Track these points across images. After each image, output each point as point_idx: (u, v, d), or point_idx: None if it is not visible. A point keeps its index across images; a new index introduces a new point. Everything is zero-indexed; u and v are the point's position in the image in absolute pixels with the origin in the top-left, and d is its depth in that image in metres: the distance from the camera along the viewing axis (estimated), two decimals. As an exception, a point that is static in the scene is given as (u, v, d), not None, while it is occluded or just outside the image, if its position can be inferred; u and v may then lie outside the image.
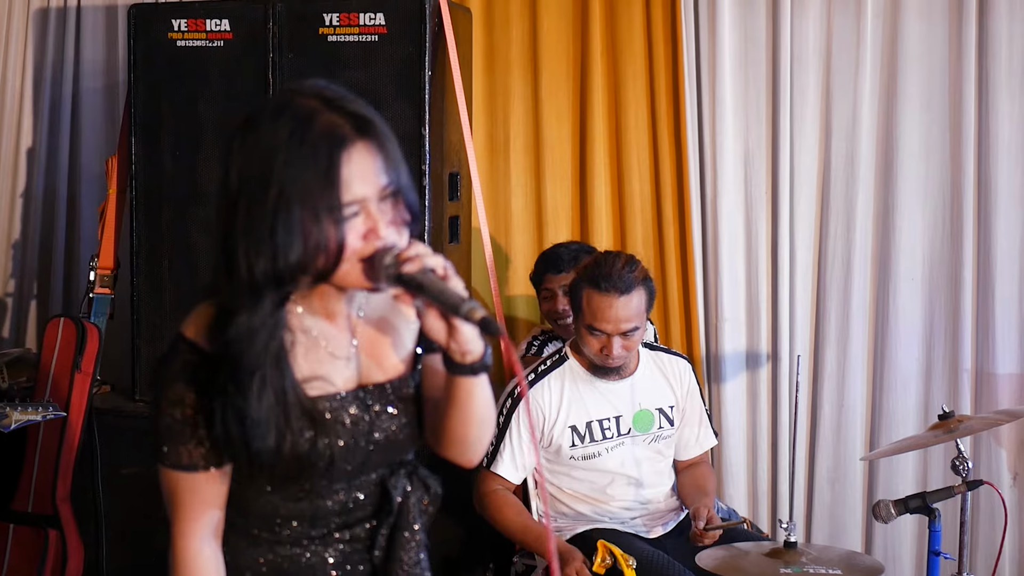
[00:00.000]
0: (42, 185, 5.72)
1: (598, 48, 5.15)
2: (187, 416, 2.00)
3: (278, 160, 1.92)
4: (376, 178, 1.95)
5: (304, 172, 1.91)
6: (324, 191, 1.90)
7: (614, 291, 3.75)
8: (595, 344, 3.82)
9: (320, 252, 1.91)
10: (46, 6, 5.68)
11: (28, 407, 4.04)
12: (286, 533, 2.13)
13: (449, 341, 1.99)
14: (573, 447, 3.90)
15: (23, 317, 5.76)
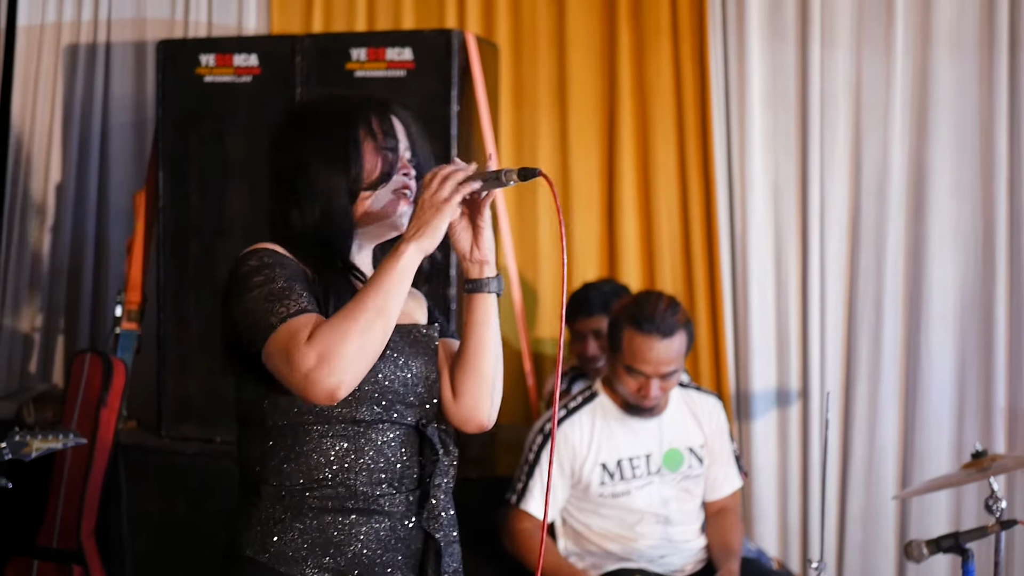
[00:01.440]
0: (71, 220, 5.73)
1: (626, 83, 5.14)
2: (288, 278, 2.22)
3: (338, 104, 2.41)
4: (404, 139, 2.39)
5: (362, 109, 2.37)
6: (379, 122, 2.35)
7: (656, 333, 3.72)
8: (632, 384, 3.79)
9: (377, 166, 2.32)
10: (76, 42, 5.70)
11: (49, 435, 3.99)
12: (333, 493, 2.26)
13: (473, 248, 2.32)
14: (603, 485, 3.87)
15: (50, 352, 5.76)
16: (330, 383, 2.09)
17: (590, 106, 5.23)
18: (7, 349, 5.68)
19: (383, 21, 5.37)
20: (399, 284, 2.15)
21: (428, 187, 2.19)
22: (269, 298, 2.18)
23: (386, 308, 2.14)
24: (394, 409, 2.30)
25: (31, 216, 5.73)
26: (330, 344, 2.09)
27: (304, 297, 2.19)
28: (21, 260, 5.70)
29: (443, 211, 2.17)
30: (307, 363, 2.09)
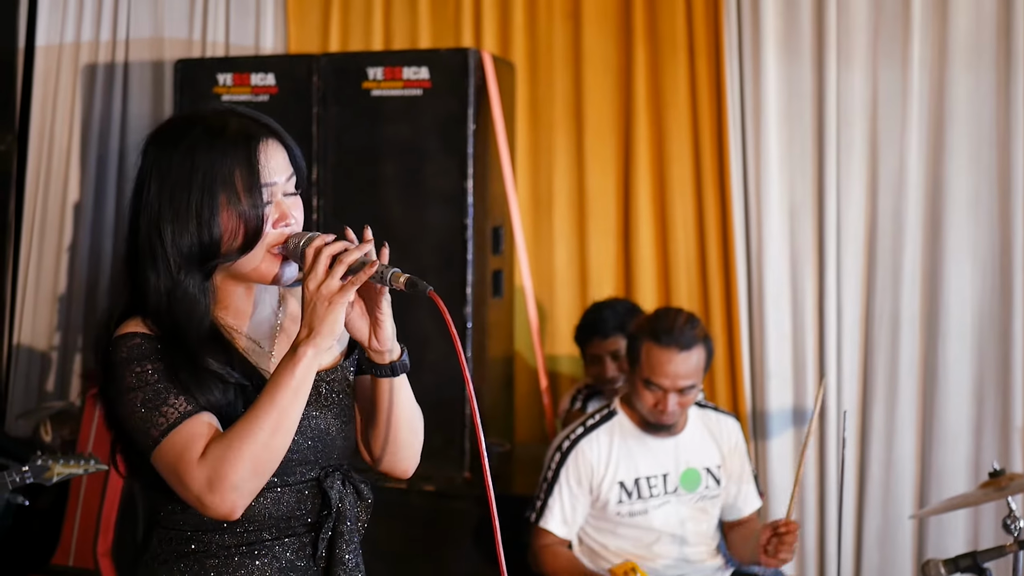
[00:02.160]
0: (88, 239, 5.75)
1: (642, 102, 5.14)
2: (161, 374, 2.07)
3: (199, 153, 2.11)
4: (284, 169, 2.16)
5: (224, 159, 2.10)
6: (243, 175, 2.10)
7: (675, 346, 3.72)
8: (650, 399, 3.78)
9: (239, 229, 2.09)
10: (94, 62, 5.73)
11: (70, 460, 4.02)
12: (219, 539, 2.17)
13: (371, 339, 2.17)
14: (620, 503, 3.86)
15: (68, 370, 5.78)
16: (224, 509, 2.00)
17: (606, 125, 5.23)
18: (25, 367, 5.70)
19: (400, 40, 5.39)
20: (296, 396, 2.03)
21: (314, 270, 2.05)
22: (146, 404, 2.05)
23: (284, 424, 2.02)
24: (291, 473, 2.19)
25: (49, 235, 5.75)
26: (221, 469, 1.98)
27: (183, 396, 2.05)
28: (39, 279, 5.72)
29: (335, 305, 2.03)
30: (197, 486, 1.99)
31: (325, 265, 2.04)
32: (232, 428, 2.02)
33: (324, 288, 2.03)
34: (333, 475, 2.23)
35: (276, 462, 2.04)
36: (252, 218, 2.09)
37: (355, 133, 4.55)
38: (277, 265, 2.14)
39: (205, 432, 2.03)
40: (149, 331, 2.10)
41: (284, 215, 2.13)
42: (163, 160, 2.13)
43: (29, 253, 5.73)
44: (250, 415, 2.02)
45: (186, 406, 2.04)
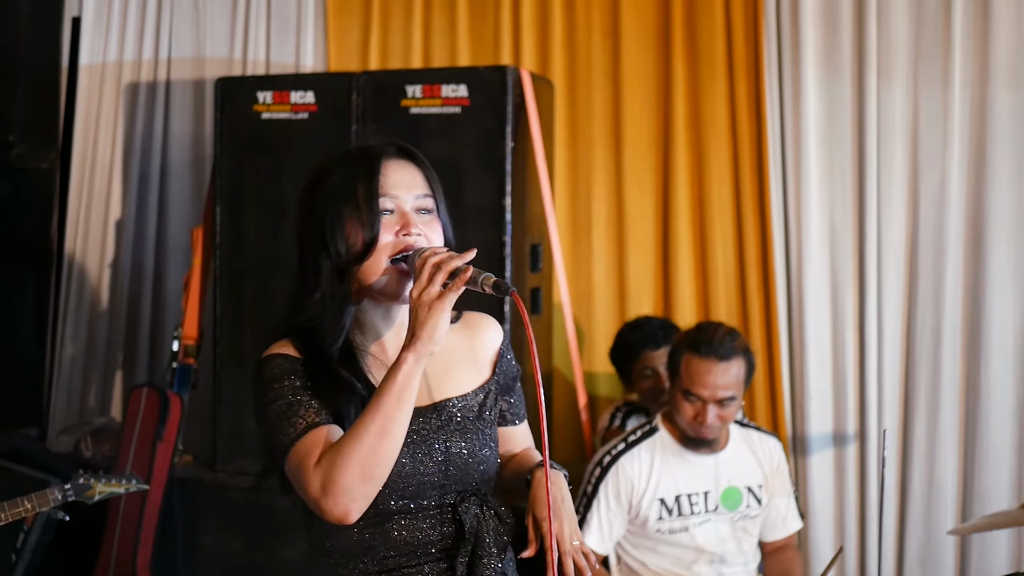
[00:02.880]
0: (130, 256, 5.79)
1: (681, 120, 5.13)
2: (296, 390, 2.20)
3: (331, 174, 2.30)
4: (413, 186, 2.29)
5: (349, 175, 2.27)
6: (363, 187, 2.25)
7: (714, 356, 3.71)
8: (689, 411, 3.76)
9: (359, 239, 2.23)
10: (136, 80, 5.77)
11: (112, 479, 4.05)
12: (362, 567, 2.28)
13: None
14: (660, 520, 3.84)
15: (109, 386, 5.81)
16: (337, 512, 2.09)
17: (645, 143, 5.22)
18: (67, 383, 5.73)
19: (439, 58, 5.40)
20: (400, 402, 2.12)
21: (419, 278, 2.15)
22: (279, 416, 2.19)
23: (389, 428, 2.11)
24: (424, 496, 2.27)
25: (91, 251, 5.80)
26: (332, 473, 2.08)
27: (312, 409, 2.18)
28: (81, 295, 5.76)
29: (435, 310, 2.11)
30: (314, 491, 2.10)
31: (429, 273, 2.13)
32: (343, 435, 2.13)
33: (425, 295, 2.12)
34: (469, 500, 2.30)
35: (385, 467, 2.12)
36: (369, 224, 2.23)
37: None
38: (402, 282, 2.25)
39: (325, 441, 2.14)
40: (292, 352, 2.25)
41: (406, 225, 2.25)
42: (309, 187, 2.33)
43: (71, 270, 5.77)
44: (357, 422, 2.12)
45: (314, 418, 2.16)
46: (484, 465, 2.34)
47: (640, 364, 4.51)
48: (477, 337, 2.45)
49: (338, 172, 2.29)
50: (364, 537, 2.26)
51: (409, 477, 2.24)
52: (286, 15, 5.63)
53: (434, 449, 2.27)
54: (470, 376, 2.40)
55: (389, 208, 2.25)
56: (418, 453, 2.25)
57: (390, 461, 2.13)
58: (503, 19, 5.32)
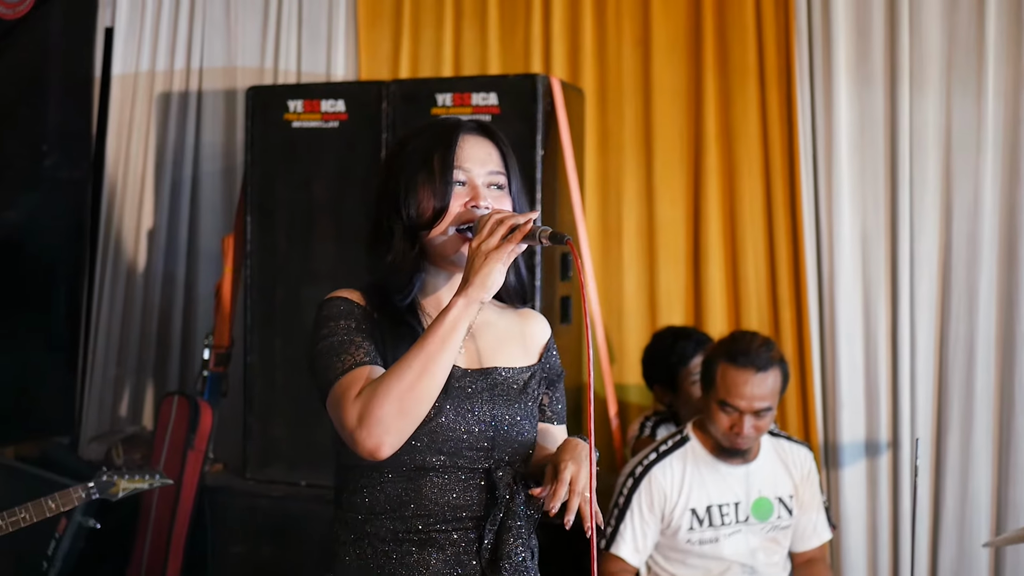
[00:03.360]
0: (161, 265, 5.81)
1: (712, 129, 5.12)
2: (351, 331, 2.28)
3: (411, 142, 2.42)
4: (487, 162, 2.38)
5: (428, 145, 2.37)
6: (439, 157, 2.34)
7: (751, 367, 3.70)
8: (725, 422, 3.75)
9: (430, 206, 2.32)
10: (168, 90, 5.80)
11: (135, 475, 4.04)
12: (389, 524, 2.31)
13: None
14: (691, 531, 3.82)
15: (141, 394, 5.82)
16: (370, 444, 2.14)
17: (676, 152, 5.20)
18: (99, 391, 5.75)
19: (469, 68, 5.40)
20: (445, 343, 2.17)
21: (480, 232, 2.22)
22: (330, 351, 2.26)
23: (430, 368, 2.16)
24: (460, 456, 2.31)
25: (123, 261, 5.82)
26: (370, 405, 2.13)
27: (362, 349, 2.25)
28: (113, 304, 5.78)
29: (491, 259, 2.18)
30: (351, 421, 2.15)
31: (490, 227, 2.21)
32: (388, 370, 2.18)
33: (484, 244, 2.19)
34: (504, 468, 2.33)
35: (423, 404, 2.17)
36: (440, 193, 2.33)
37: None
38: (459, 244, 2.33)
39: (364, 377, 2.20)
40: (356, 299, 2.35)
41: (476, 197, 2.34)
42: (389, 155, 2.46)
43: (104, 279, 5.79)
44: (401, 359, 2.17)
45: (362, 357, 2.24)
46: (522, 437, 2.38)
47: (691, 369, 4.48)
48: (528, 326, 2.51)
49: (418, 141, 2.40)
50: (397, 491, 2.30)
51: (450, 432, 2.28)
52: (317, 25, 5.65)
53: (478, 409, 2.32)
54: (519, 355, 2.46)
55: (461, 180, 2.34)
56: (462, 409, 2.30)
57: (428, 400, 2.17)
58: (534, 29, 5.32)
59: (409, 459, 2.26)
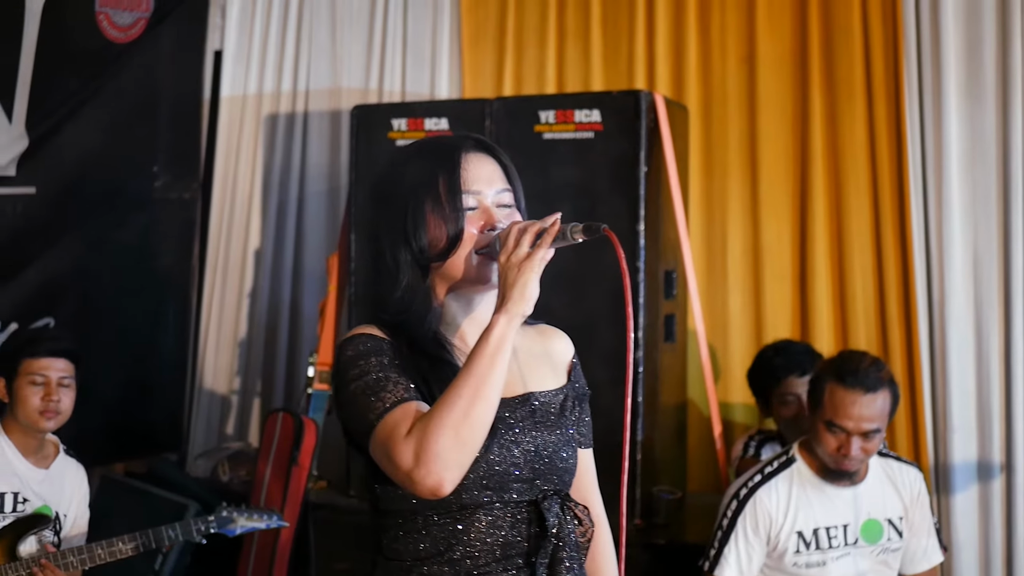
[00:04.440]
0: (268, 285, 5.88)
1: (819, 146, 5.07)
2: (384, 367, 2.13)
3: (409, 165, 2.26)
4: (493, 180, 2.24)
5: (430, 169, 2.21)
6: (445, 182, 2.19)
7: (860, 387, 3.62)
8: (832, 443, 3.67)
9: (443, 235, 2.18)
10: (275, 112, 5.88)
11: (254, 514, 4.13)
12: (438, 570, 2.17)
13: None
14: (798, 554, 3.75)
15: (247, 413, 5.90)
16: (430, 482, 2.00)
17: (781, 170, 5.16)
18: (206, 409, 5.84)
19: (572, 85, 5.41)
20: (493, 364, 2.05)
21: (505, 246, 2.11)
22: (366, 392, 2.12)
23: (483, 391, 2.03)
24: (507, 490, 2.18)
25: (231, 280, 5.90)
26: (425, 440, 2.00)
27: (401, 385, 2.11)
28: (220, 324, 5.86)
29: (525, 270, 2.07)
30: (406, 462, 2.01)
31: (515, 238, 2.10)
32: (437, 403, 2.05)
33: (513, 256, 2.08)
34: (551, 498, 2.22)
35: (479, 432, 2.04)
36: (453, 220, 2.18)
37: (527, 176, 4.49)
38: (489, 266, 2.20)
39: (415, 413, 2.06)
40: (379, 333, 2.19)
41: (490, 220, 2.21)
42: (385, 178, 2.30)
43: (211, 298, 5.88)
44: (450, 387, 2.04)
45: (403, 394, 2.10)
46: (565, 464, 2.27)
47: (782, 390, 4.40)
48: (551, 344, 2.40)
49: (416, 164, 2.25)
50: (444, 533, 2.17)
51: (496, 466, 2.16)
52: (421, 45, 5.70)
53: (521, 439, 2.20)
54: (549, 376, 2.35)
55: (472, 205, 2.21)
56: (504, 441, 2.18)
57: (484, 426, 2.05)
58: (637, 46, 5.31)
59: (454, 498, 2.10)
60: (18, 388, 3.91)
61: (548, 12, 5.50)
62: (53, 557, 3.85)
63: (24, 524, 3.88)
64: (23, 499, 3.90)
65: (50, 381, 3.92)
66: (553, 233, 2.10)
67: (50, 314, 5.11)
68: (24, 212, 5.01)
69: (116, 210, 5.42)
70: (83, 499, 4.14)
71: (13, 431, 3.94)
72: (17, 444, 3.94)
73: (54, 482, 4.02)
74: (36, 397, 3.90)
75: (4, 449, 3.92)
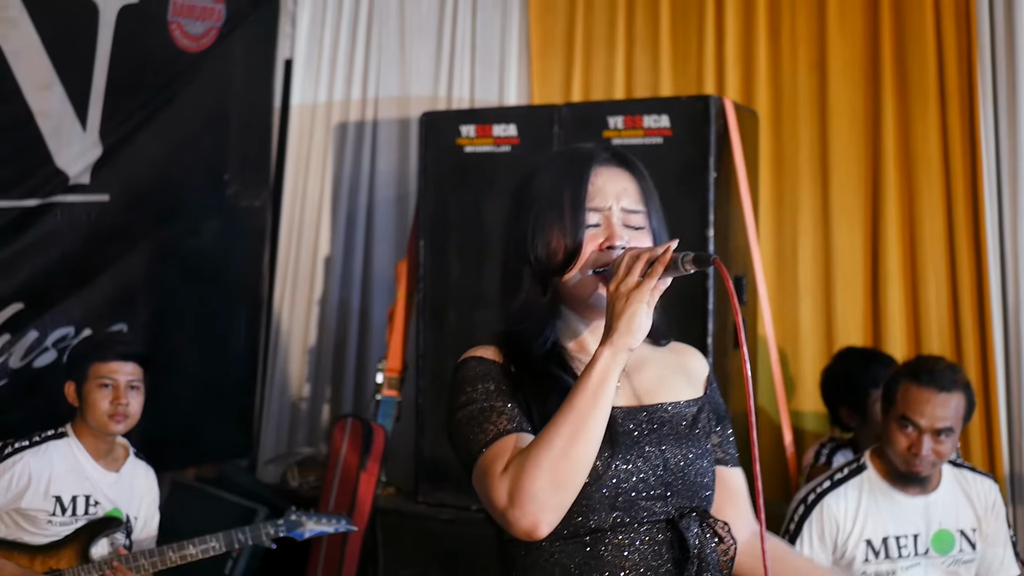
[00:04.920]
0: (337, 292, 5.91)
1: (891, 152, 5.01)
2: (490, 395, 2.07)
3: (541, 176, 2.20)
4: (622, 196, 2.16)
5: (557, 180, 2.16)
6: (569, 194, 2.13)
7: (934, 386, 3.58)
8: (903, 442, 3.62)
9: (560, 249, 2.12)
10: (345, 120, 5.91)
11: (322, 519, 4.16)
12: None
13: None
14: (866, 562, 3.70)
15: (316, 419, 5.92)
16: (525, 523, 1.92)
17: (853, 176, 5.10)
18: (276, 416, 5.87)
19: (641, 91, 5.39)
20: (596, 400, 1.95)
21: (617, 273, 2.02)
22: (470, 421, 2.05)
23: (583, 429, 1.94)
24: (638, 508, 2.08)
25: (300, 287, 5.93)
26: (520, 479, 1.92)
27: (505, 416, 2.03)
28: (290, 330, 5.90)
29: (632, 301, 1.97)
30: (501, 501, 1.93)
31: (627, 266, 2.01)
32: (536, 439, 1.96)
33: (623, 286, 2.00)
34: (689, 516, 2.11)
35: (578, 473, 1.95)
36: (572, 235, 2.12)
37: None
38: (597, 288, 2.13)
39: (514, 448, 1.99)
40: (492, 356, 2.13)
41: (612, 237, 2.13)
42: (518, 188, 2.23)
43: (281, 305, 5.91)
44: (549, 424, 1.96)
45: (505, 425, 2.03)
46: (701, 477, 2.15)
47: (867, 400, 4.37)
48: (687, 360, 2.32)
49: (546, 175, 2.19)
50: (574, 560, 2.07)
51: (623, 484, 2.06)
52: (490, 53, 5.71)
53: (649, 453, 2.10)
54: (683, 388, 2.25)
55: (594, 222, 2.13)
56: (631, 456, 2.08)
57: (584, 466, 1.95)
58: (707, 52, 5.29)
59: (582, 521, 2.03)
60: (88, 392, 3.96)
61: (617, 18, 5.49)
62: (124, 559, 3.89)
63: (96, 527, 3.93)
64: (95, 502, 3.95)
65: (119, 385, 3.96)
66: (665, 262, 2.00)
67: (123, 320, 5.17)
68: (98, 219, 5.06)
69: (188, 218, 5.48)
70: (153, 502, 4.19)
71: (84, 435, 3.99)
72: (88, 448, 3.99)
73: (124, 485, 4.06)
74: (105, 401, 3.94)
75: (75, 453, 3.97)
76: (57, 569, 3.86)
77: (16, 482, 3.87)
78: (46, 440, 3.96)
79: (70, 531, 3.90)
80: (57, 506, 3.89)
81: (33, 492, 3.87)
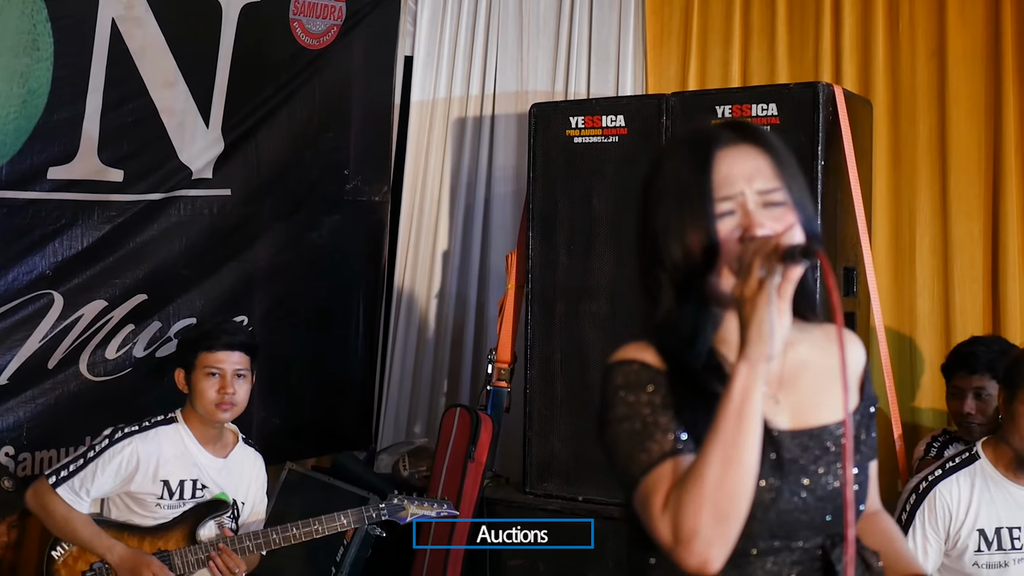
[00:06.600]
0: (455, 286, 5.96)
1: (1012, 142, 4.89)
2: (654, 408, 1.91)
3: (662, 168, 2.00)
4: (754, 177, 1.94)
5: (679, 170, 1.96)
6: (696, 184, 1.92)
7: None
8: None
9: (697, 248, 1.91)
10: (463, 115, 5.96)
11: (424, 502, 4.19)
12: None
13: None
14: (978, 552, 3.61)
15: (435, 411, 5.97)
16: (694, 562, 1.79)
17: (973, 166, 4.98)
18: (395, 408, 5.94)
19: (757, 81, 5.34)
20: (741, 423, 1.79)
21: (740, 272, 1.84)
22: (630, 439, 1.90)
23: (732, 457, 1.78)
24: (797, 536, 1.96)
25: (419, 281, 5.99)
26: (679, 518, 1.79)
27: (669, 434, 1.88)
28: (409, 323, 5.96)
29: (758, 305, 1.79)
30: (665, 539, 1.81)
31: (747, 264, 1.83)
32: (686, 471, 1.83)
33: (746, 288, 1.81)
34: (841, 545, 1.95)
35: (739, 501, 1.80)
36: (704, 231, 1.91)
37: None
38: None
39: (668, 477, 1.85)
40: (653, 360, 1.95)
41: (751, 225, 1.90)
42: (645, 181, 2.02)
43: (400, 298, 5.98)
44: (700, 453, 1.81)
45: (668, 444, 1.88)
46: (859, 499, 2.03)
47: (954, 381, 4.29)
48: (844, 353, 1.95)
49: (668, 166, 1.98)
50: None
51: (786, 513, 1.93)
52: (606, 48, 5.70)
53: (814, 478, 1.96)
54: (835, 402, 2.02)
55: (728, 209, 1.91)
56: (797, 484, 1.94)
57: (744, 494, 1.80)
58: (823, 43, 5.21)
59: (740, 547, 1.86)
60: (196, 380, 4.05)
61: (733, 11, 5.45)
62: (230, 541, 3.98)
63: (203, 509, 4.03)
64: (202, 486, 4.04)
65: (225, 373, 4.04)
66: (780, 251, 1.80)
67: (243, 312, 5.28)
68: (220, 213, 5.18)
69: (308, 211, 5.57)
70: (261, 487, 4.26)
71: (192, 421, 4.08)
72: (196, 434, 4.08)
73: (232, 471, 4.15)
74: (212, 389, 4.03)
75: (184, 439, 4.06)
76: (165, 550, 3.96)
77: (125, 466, 3.97)
78: (155, 425, 4.06)
79: (178, 514, 4.01)
80: (165, 490, 3.99)
81: (142, 476, 3.98)
